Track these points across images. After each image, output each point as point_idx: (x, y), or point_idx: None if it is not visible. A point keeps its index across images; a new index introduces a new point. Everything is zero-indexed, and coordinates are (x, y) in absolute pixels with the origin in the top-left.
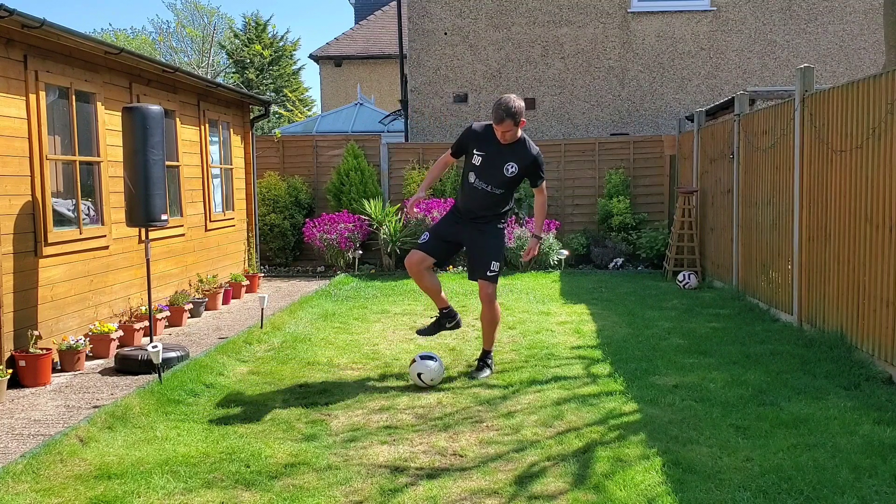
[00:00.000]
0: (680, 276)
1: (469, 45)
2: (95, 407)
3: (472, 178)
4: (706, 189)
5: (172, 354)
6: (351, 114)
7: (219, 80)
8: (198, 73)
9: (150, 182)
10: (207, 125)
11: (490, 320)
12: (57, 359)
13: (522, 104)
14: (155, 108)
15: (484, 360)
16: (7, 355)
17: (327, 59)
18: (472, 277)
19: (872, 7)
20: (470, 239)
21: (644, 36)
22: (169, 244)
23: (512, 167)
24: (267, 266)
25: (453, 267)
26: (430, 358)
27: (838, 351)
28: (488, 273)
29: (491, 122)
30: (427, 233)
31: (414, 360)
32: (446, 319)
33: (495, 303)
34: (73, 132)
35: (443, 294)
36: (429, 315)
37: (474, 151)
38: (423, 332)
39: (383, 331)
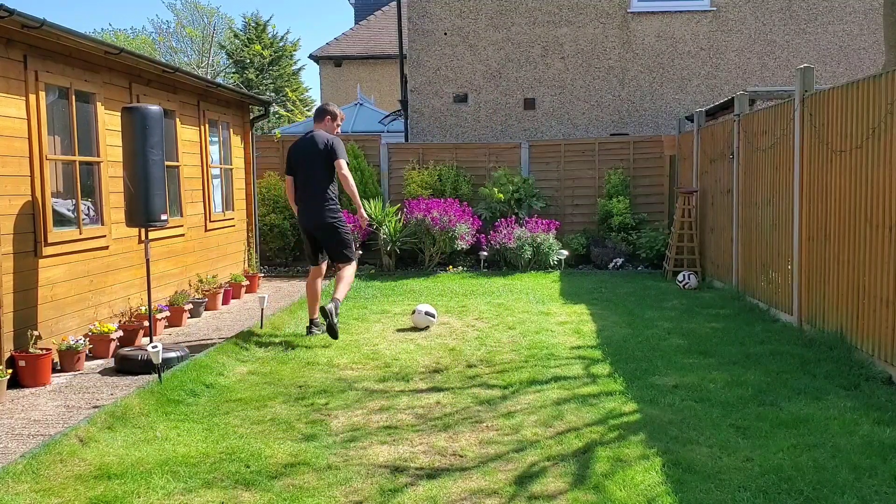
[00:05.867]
0: (680, 277)
1: (469, 45)
2: (95, 407)
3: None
4: (706, 189)
5: (172, 354)
6: (351, 114)
7: (219, 80)
8: (198, 73)
9: (150, 182)
10: (207, 125)
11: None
12: (57, 359)
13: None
14: (154, 108)
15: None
16: (7, 355)
17: (327, 60)
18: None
19: (872, 7)
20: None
21: (644, 36)
22: (169, 244)
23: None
24: (267, 266)
25: (453, 267)
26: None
27: (838, 351)
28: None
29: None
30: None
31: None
32: (315, 326)
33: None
34: (73, 132)
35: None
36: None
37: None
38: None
39: (383, 331)
